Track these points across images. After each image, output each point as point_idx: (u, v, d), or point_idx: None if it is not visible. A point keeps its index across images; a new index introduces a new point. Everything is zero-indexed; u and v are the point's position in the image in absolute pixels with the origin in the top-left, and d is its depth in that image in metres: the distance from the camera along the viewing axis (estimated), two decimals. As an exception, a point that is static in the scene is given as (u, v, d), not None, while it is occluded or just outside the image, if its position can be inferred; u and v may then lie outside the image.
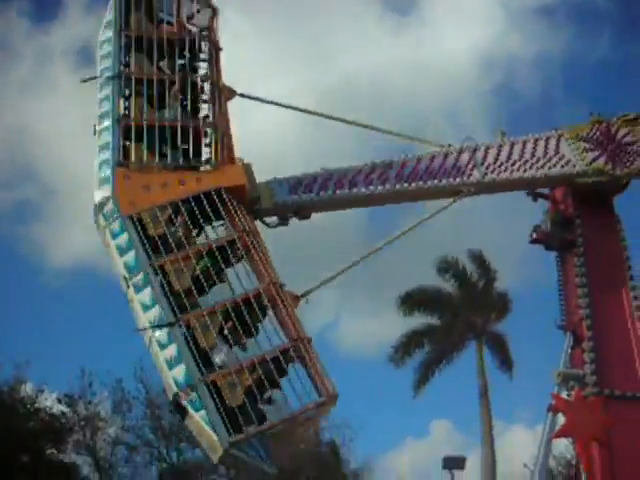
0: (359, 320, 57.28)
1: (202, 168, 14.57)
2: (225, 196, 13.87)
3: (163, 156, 14.55)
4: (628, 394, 15.90)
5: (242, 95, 15.51)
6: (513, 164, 15.94)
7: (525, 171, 15.97)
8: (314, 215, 15.33)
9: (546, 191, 17.41)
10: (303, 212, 15.06)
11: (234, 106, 15.51)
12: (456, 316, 33.25)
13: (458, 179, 15.45)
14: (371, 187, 15.00)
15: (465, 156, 15.76)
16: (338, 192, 14.80)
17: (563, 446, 31.85)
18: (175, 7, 15.81)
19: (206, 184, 14.05)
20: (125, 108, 14.84)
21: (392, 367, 32.77)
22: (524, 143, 16.32)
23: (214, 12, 15.84)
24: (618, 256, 17.19)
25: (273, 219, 15.00)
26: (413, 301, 32.61)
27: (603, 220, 17.21)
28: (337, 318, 55.07)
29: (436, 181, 15.30)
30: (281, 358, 12.67)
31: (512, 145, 16.23)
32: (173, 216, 13.64)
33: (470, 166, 15.65)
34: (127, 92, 14.92)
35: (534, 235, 17.52)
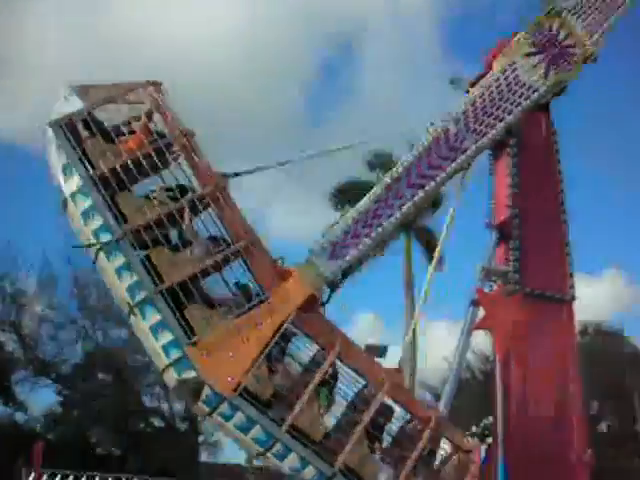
0: (289, 211, 57.50)
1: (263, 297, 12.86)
2: (305, 317, 12.87)
3: (221, 304, 12.70)
4: (547, 294, 16.41)
5: (236, 174, 13.95)
6: (490, 115, 15.79)
7: (502, 120, 15.86)
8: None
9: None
10: (349, 270, 14.79)
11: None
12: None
13: (458, 159, 15.31)
14: (394, 211, 14.79)
15: (452, 131, 15.48)
16: (373, 234, 14.47)
17: (482, 343, 33.12)
18: (125, 106, 13.19)
19: (281, 314, 12.58)
20: (154, 272, 12.31)
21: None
22: (488, 88, 16.03)
23: (159, 88, 13.24)
24: (550, 159, 17.33)
25: (324, 290, 14.30)
26: (344, 195, 32.67)
27: (538, 123, 17.23)
28: (267, 207, 55.12)
29: (441, 172, 15.14)
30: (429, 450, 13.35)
31: (482, 95, 15.91)
32: (271, 366, 12.58)
33: (460, 138, 15.45)
34: (141, 249, 12.52)
35: (468, 133, 17.53)
